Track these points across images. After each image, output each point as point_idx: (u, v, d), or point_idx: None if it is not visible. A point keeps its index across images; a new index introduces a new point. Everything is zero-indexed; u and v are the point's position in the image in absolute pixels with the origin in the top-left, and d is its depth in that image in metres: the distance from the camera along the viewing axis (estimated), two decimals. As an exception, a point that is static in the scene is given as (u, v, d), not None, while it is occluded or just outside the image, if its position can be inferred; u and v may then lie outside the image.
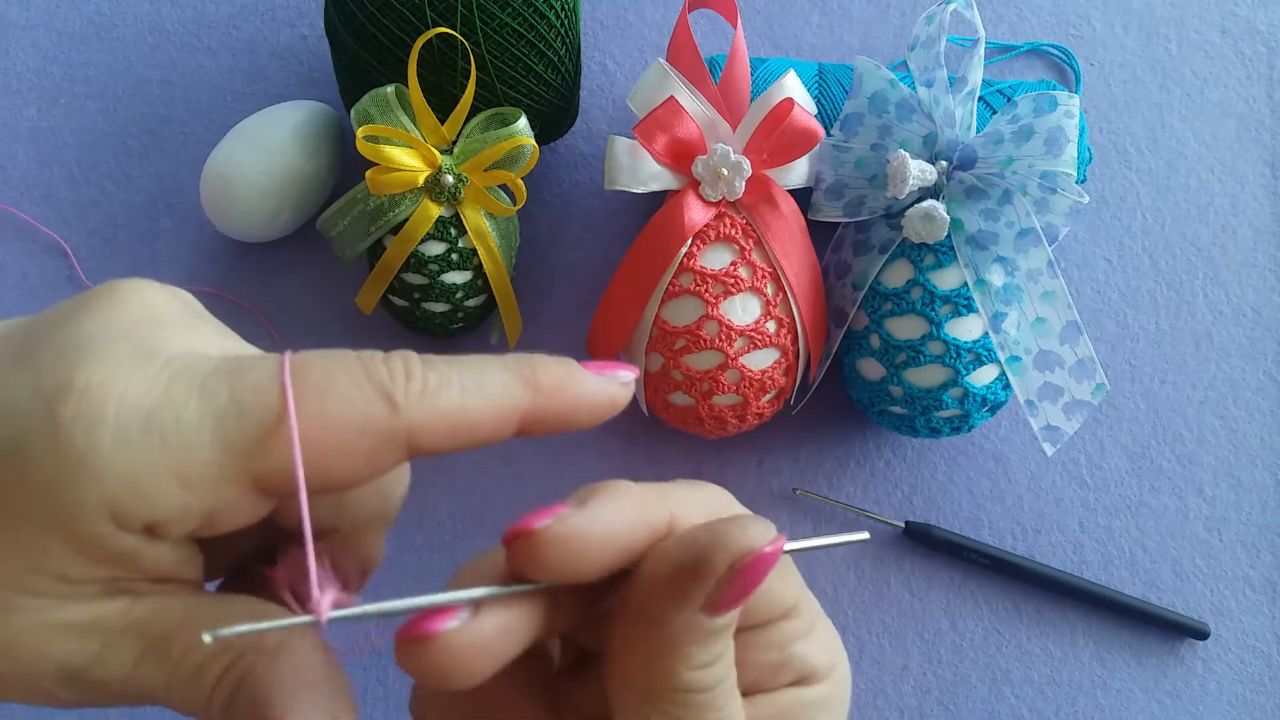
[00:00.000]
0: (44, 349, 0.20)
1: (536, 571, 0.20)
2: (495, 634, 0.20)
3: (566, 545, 0.20)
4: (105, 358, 0.19)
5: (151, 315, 0.21)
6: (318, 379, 0.20)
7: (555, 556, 0.20)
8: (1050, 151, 0.42)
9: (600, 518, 0.21)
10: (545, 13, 0.45)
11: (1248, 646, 0.49)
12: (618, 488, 0.22)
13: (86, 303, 0.21)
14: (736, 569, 0.20)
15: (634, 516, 0.21)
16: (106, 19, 0.54)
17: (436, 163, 0.44)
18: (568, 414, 0.22)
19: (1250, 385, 0.52)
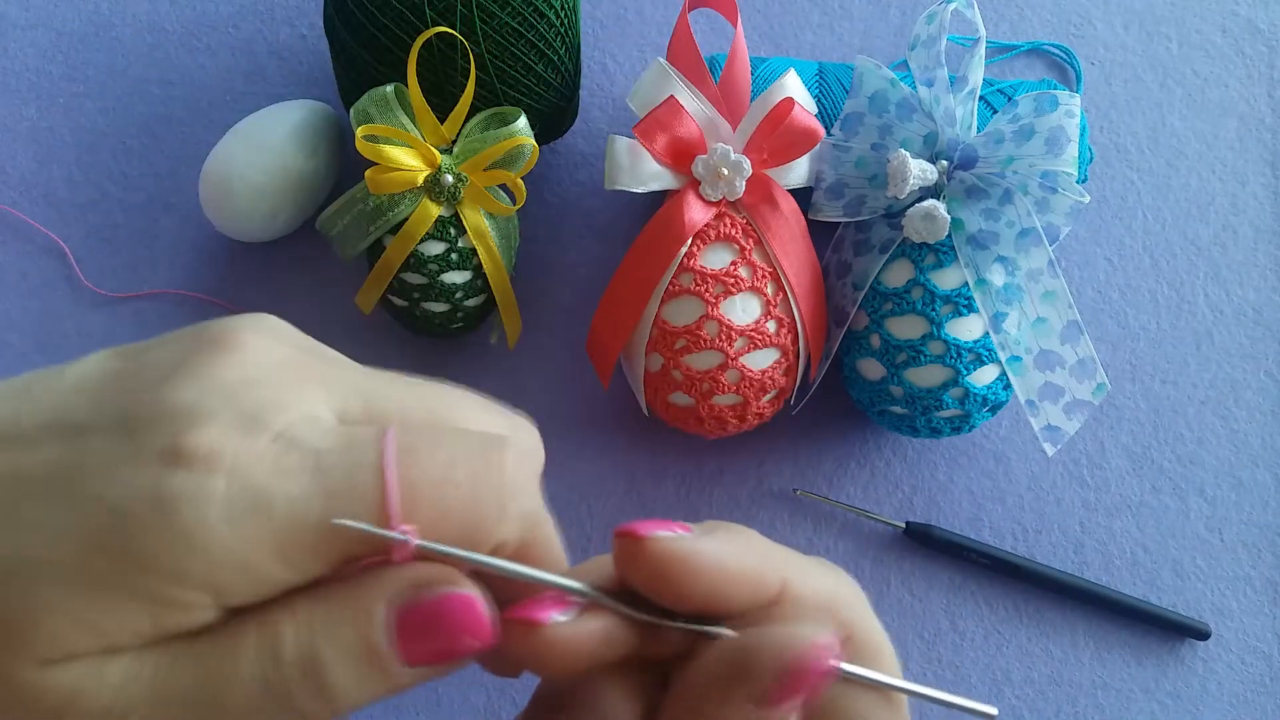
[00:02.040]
0: (147, 406, 0.19)
1: (631, 572, 0.21)
2: (595, 637, 0.21)
3: (670, 563, 0.20)
4: (213, 425, 0.19)
5: (262, 374, 0.20)
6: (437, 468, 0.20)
7: (653, 569, 0.20)
8: (1051, 151, 0.42)
9: (713, 552, 0.21)
10: (545, 12, 0.44)
11: (1248, 647, 0.49)
12: (745, 534, 0.22)
13: (191, 355, 0.20)
14: (783, 674, 0.20)
15: (746, 567, 0.21)
16: (106, 19, 0.54)
17: (436, 162, 0.44)
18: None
19: (1251, 385, 0.52)
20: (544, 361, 0.51)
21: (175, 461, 0.18)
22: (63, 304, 0.51)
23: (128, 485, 0.18)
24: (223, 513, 0.18)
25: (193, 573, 0.18)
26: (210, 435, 0.19)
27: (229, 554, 0.18)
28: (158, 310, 0.51)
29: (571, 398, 0.50)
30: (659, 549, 0.20)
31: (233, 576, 0.19)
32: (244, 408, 0.19)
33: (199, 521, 0.18)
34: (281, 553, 0.19)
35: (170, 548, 0.18)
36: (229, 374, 0.20)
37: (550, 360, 0.51)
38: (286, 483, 0.19)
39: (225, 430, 0.19)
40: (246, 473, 0.19)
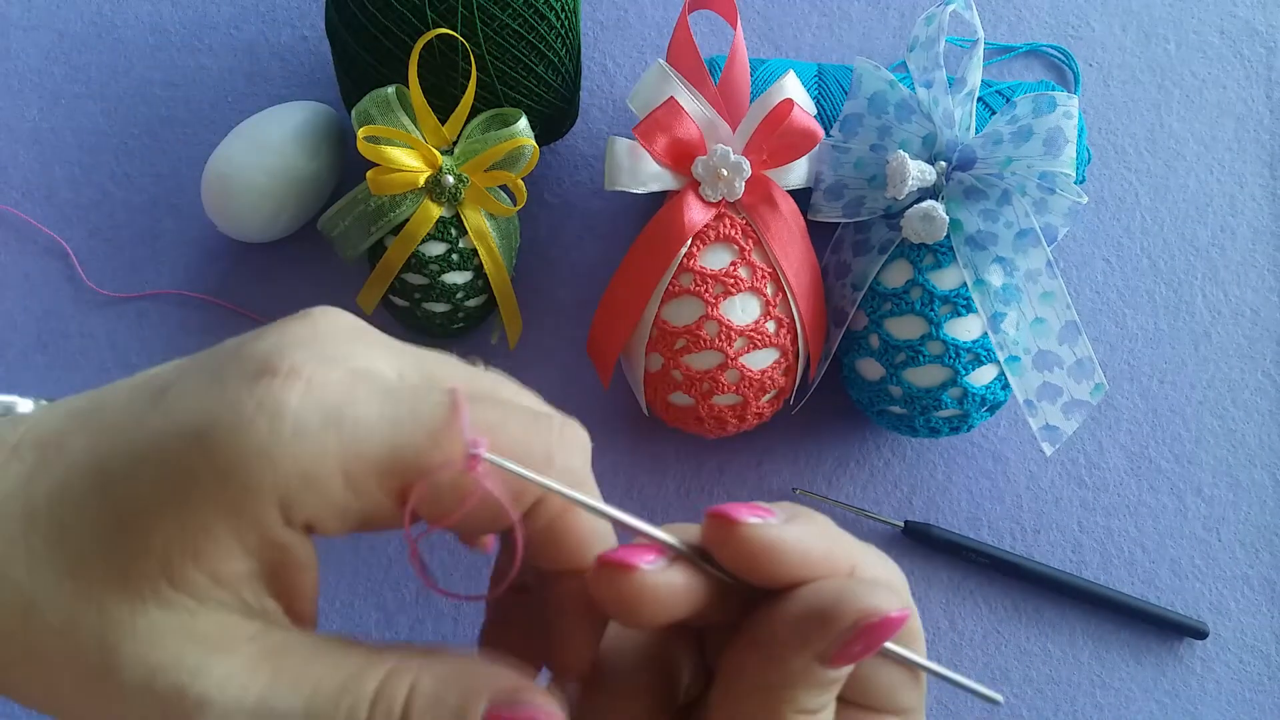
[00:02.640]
0: (233, 356, 0.21)
1: (723, 553, 0.22)
2: (681, 588, 0.22)
3: (756, 546, 0.22)
4: (292, 358, 0.20)
5: (335, 334, 0.22)
6: (494, 417, 0.21)
7: (742, 550, 0.22)
8: (1049, 152, 0.43)
9: (797, 538, 0.22)
10: (545, 13, 0.45)
11: (1246, 646, 0.49)
12: (822, 521, 0.23)
13: (274, 324, 0.22)
14: (860, 626, 0.21)
15: (824, 550, 0.22)
16: (108, 20, 0.54)
17: (437, 163, 0.44)
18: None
19: (1249, 385, 0.52)
20: (544, 361, 0.51)
21: (257, 378, 0.20)
22: (65, 304, 0.51)
23: (212, 403, 0.20)
24: (294, 425, 0.19)
25: (264, 483, 0.19)
26: (295, 358, 0.20)
27: (296, 463, 0.19)
28: (160, 311, 0.51)
29: (571, 398, 0.50)
30: (751, 534, 0.21)
31: (299, 491, 0.20)
32: (323, 351, 0.21)
33: (273, 432, 0.19)
34: (345, 470, 0.20)
35: (244, 457, 0.19)
36: (305, 332, 0.22)
37: (550, 360, 0.51)
38: (357, 405, 0.20)
39: (304, 362, 0.20)
40: (321, 391, 0.20)
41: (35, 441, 0.21)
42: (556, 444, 0.22)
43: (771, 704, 0.22)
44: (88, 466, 0.20)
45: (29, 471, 0.21)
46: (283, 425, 0.19)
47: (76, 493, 0.20)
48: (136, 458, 0.20)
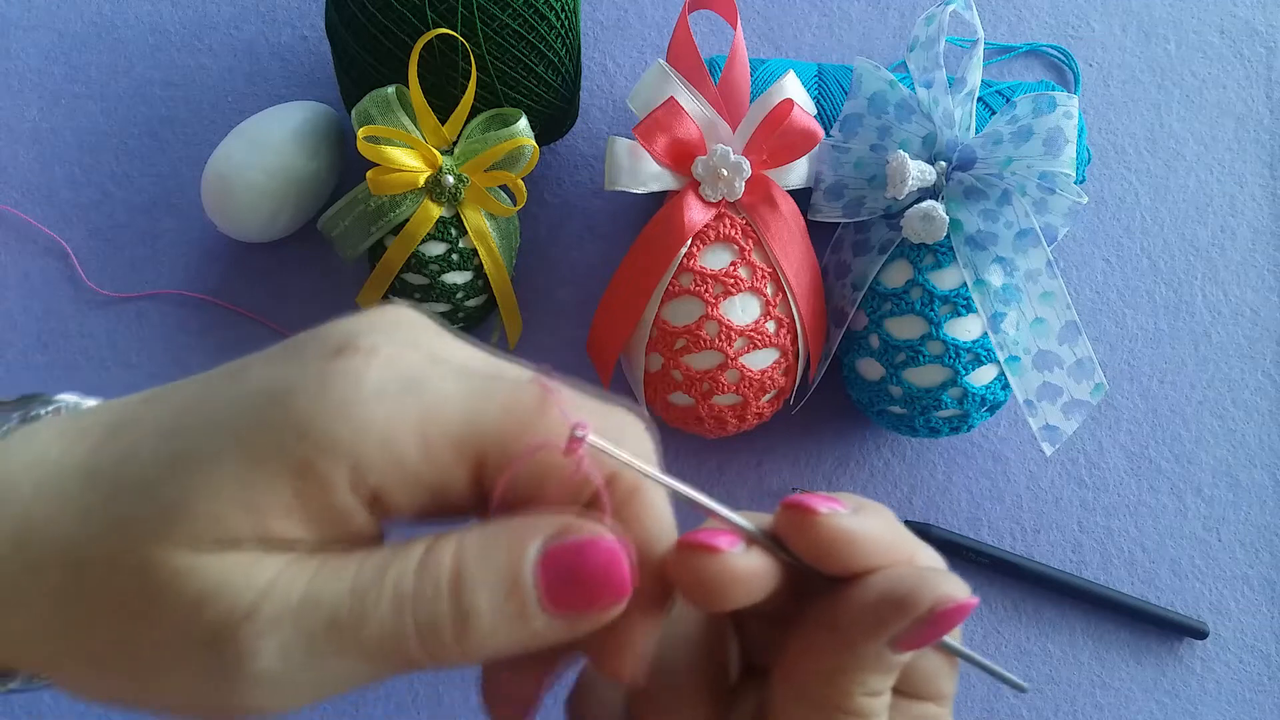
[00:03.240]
0: (312, 338, 0.21)
1: (799, 541, 0.23)
2: (760, 571, 0.22)
3: (831, 535, 0.22)
4: (372, 338, 0.21)
5: (414, 323, 0.23)
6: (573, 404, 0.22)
7: (817, 540, 0.22)
8: (1049, 152, 0.43)
9: (868, 528, 0.23)
10: (545, 13, 0.45)
11: (1246, 646, 0.49)
12: (886, 513, 0.24)
13: (353, 315, 0.23)
14: (935, 612, 0.22)
15: (891, 543, 0.23)
16: (108, 20, 0.54)
17: (437, 163, 0.44)
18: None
19: (1249, 385, 0.52)
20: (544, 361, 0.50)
21: (339, 354, 0.20)
22: (65, 304, 0.51)
23: (293, 372, 0.20)
24: (375, 389, 0.20)
25: (338, 440, 0.19)
26: (375, 339, 0.21)
27: (372, 425, 0.19)
28: (160, 310, 0.51)
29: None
30: (827, 524, 0.22)
31: (374, 452, 0.19)
32: (403, 336, 0.21)
33: (353, 392, 0.20)
34: (421, 436, 0.20)
35: (322, 414, 0.19)
36: (383, 321, 0.22)
37: (550, 360, 0.50)
38: (438, 377, 0.21)
39: (387, 340, 0.21)
40: (401, 364, 0.20)
41: (107, 422, 0.21)
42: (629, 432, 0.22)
43: (841, 685, 0.22)
44: (156, 432, 0.20)
45: (96, 444, 0.21)
46: (362, 387, 0.20)
47: (141, 454, 0.20)
48: (208, 421, 0.20)
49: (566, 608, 0.21)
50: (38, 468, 0.20)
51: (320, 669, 0.20)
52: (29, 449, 0.21)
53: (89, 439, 0.21)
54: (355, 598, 0.19)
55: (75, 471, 0.20)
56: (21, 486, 0.20)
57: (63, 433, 0.21)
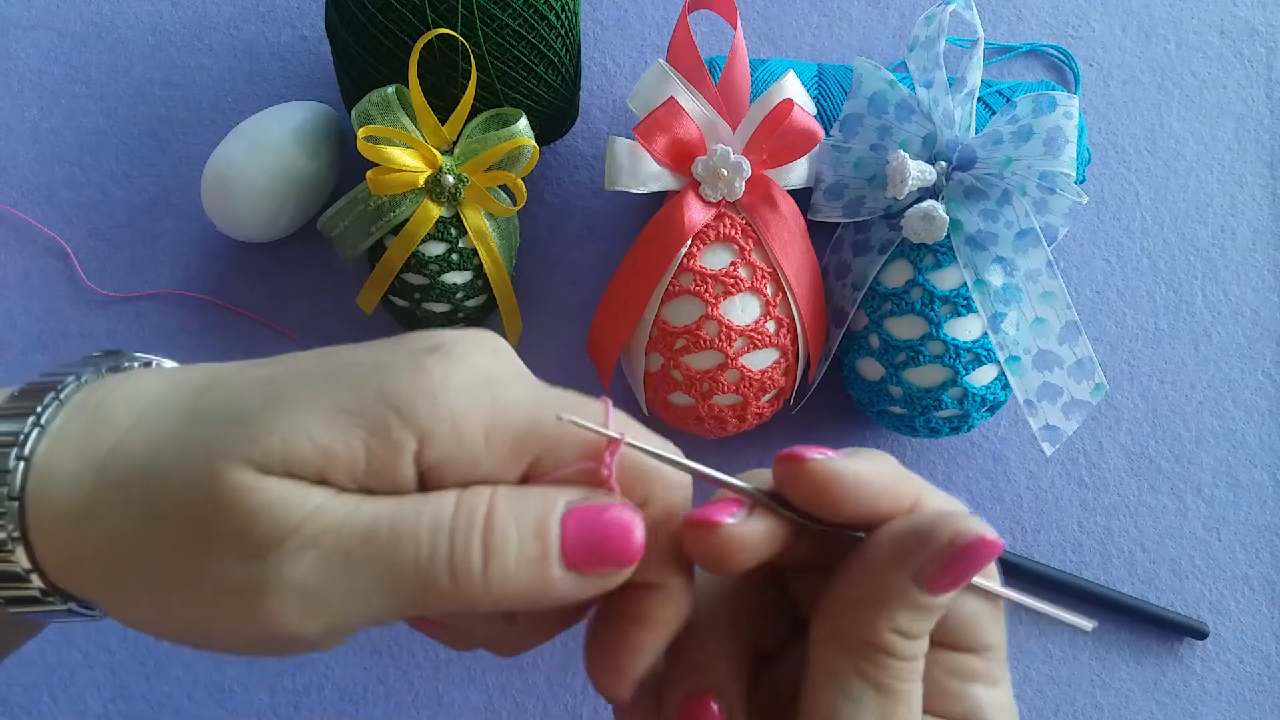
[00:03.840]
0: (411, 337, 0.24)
1: (793, 489, 0.24)
2: (761, 535, 0.24)
3: (823, 479, 0.24)
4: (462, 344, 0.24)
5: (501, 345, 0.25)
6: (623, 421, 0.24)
7: (811, 486, 0.24)
8: (1049, 152, 0.43)
9: (861, 469, 0.24)
10: (545, 13, 0.45)
11: (1246, 646, 0.49)
12: (884, 456, 0.25)
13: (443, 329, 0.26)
14: (956, 546, 0.23)
15: (888, 481, 0.24)
16: (108, 20, 0.54)
17: (437, 163, 0.44)
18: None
19: (1249, 385, 0.52)
20: (544, 361, 0.51)
21: (433, 351, 0.23)
22: (65, 304, 0.51)
23: (388, 355, 0.23)
24: (460, 381, 0.22)
25: (418, 413, 0.22)
26: (467, 346, 0.24)
27: (449, 408, 0.22)
28: (160, 310, 0.51)
29: (572, 398, 0.50)
30: (818, 469, 0.24)
31: (443, 431, 0.22)
32: (484, 347, 0.24)
33: (441, 378, 0.22)
34: (488, 427, 0.22)
35: (408, 390, 0.22)
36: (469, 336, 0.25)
37: (550, 360, 0.51)
38: (513, 385, 0.23)
39: (478, 350, 0.24)
40: (487, 368, 0.23)
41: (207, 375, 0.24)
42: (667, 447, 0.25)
43: (869, 619, 0.23)
44: (256, 380, 0.23)
45: (197, 389, 0.23)
46: (449, 380, 0.22)
47: (239, 394, 0.23)
48: (306, 377, 0.23)
49: (583, 563, 0.23)
50: (138, 403, 0.23)
51: (351, 587, 0.21)
52: (131, 387, 0.24)
53: (190, 385, 0.23)
54: (395, 520, 0.21)
55: (174, 408, 0.23)
56: (121, 417, 0.23)
57: (164, 378, 0.24)
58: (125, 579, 0.22)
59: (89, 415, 0.23)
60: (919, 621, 0.24)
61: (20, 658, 0.47)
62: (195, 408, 0.23)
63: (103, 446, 0.22)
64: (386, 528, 0.21)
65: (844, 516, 0.24)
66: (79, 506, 0.22)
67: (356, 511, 0.21)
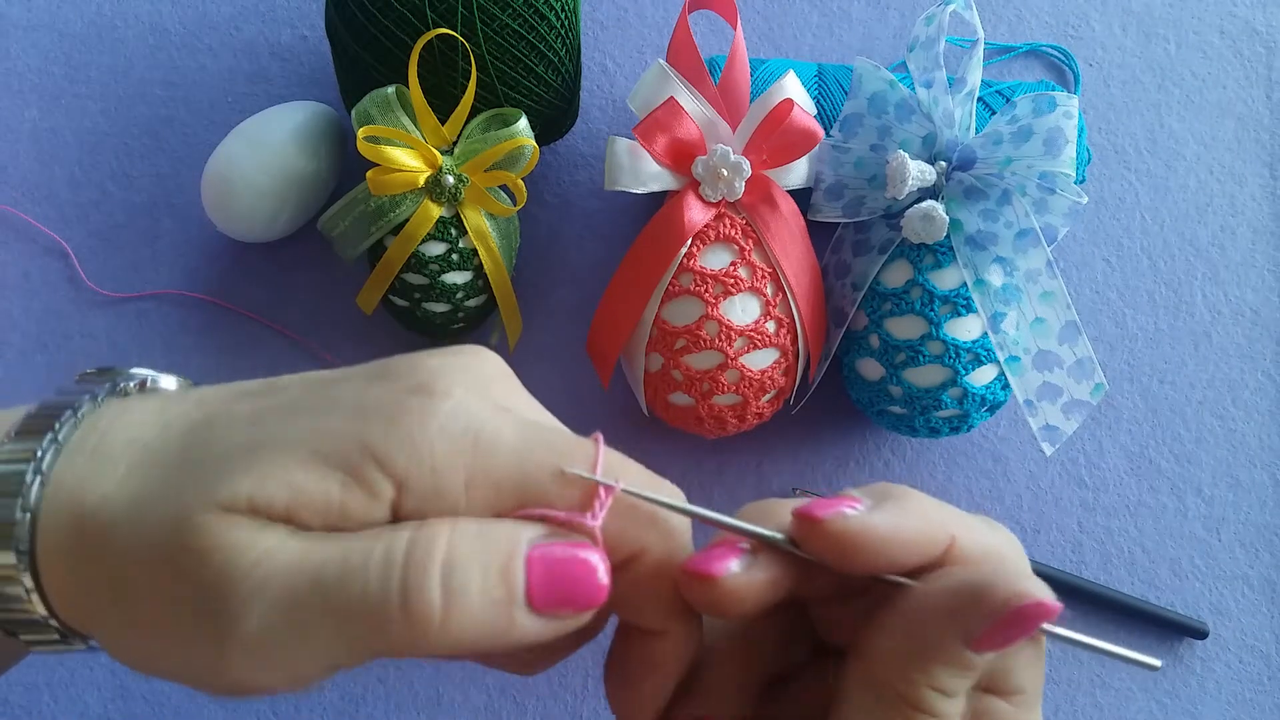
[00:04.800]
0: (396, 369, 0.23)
1: (813, 549, 0.23)
2: (764, 584, 0.23)
3: (847, 539, 0.22)
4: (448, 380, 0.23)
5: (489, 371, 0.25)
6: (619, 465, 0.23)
7: (830, 547, 0.22)
8: (1049, 152, 0.43)
9: (882, 526, 0.22)
10: (545, 13, 0.45)
11: (1246, 646, 0.49)
12: (912, 498, 0.23)
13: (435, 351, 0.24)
14: (1012, 608, 0.21)
15: (914, 532, 0.23)
16: (108, 20, 0.54)
17: (437, 163, 0.44)
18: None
19: (1249, 385, 0.52)
20: (544, 361, 0.51)
21: (419, 389, 0.22)
22: (65, 304, 0.51)
23: (373, 396, 0.22)
24: (441, 427, 0.22)
25: (396, 462, 0.21)
26: (452, 381, 0.23)
27: (430, 456, 0.21)
28: (160, 310, 0.51)
29: (571, 398, 0.50)
30: (837, 529, 0.22)
31: (422, 481, 0.21)
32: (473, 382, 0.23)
33: (418, 428, 0.21)
34: (469, 476, 0.22)
35: (387, 438, 0.21)
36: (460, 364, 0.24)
37: (550, 360, 0.51)
38: (499, 427, 0.22)
39: (465, 382, 0.23)
40: (472, 410, 0.22)
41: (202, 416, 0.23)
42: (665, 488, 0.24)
43: (909, 674, 0.22)
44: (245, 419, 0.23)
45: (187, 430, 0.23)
46: (428, 425, 0.21)
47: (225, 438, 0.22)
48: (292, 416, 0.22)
49: (547, 605, 0.22)
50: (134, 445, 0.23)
51: (303, 636, 0.20)
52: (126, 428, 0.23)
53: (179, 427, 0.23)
54: (344, 559, 0.20)
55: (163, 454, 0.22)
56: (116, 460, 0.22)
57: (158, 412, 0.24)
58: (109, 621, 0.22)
59: (86, 460, 0.23)
60: (959, 679, 0.22)
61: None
62: (182, 455, 0.22)
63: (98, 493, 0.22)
64: (336, 569, 0.20)
65: (874, 571, 0.23)
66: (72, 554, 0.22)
67: (309, 553, 0.21)
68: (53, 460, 0.23)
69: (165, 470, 0.22)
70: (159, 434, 0.23)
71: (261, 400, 0.23)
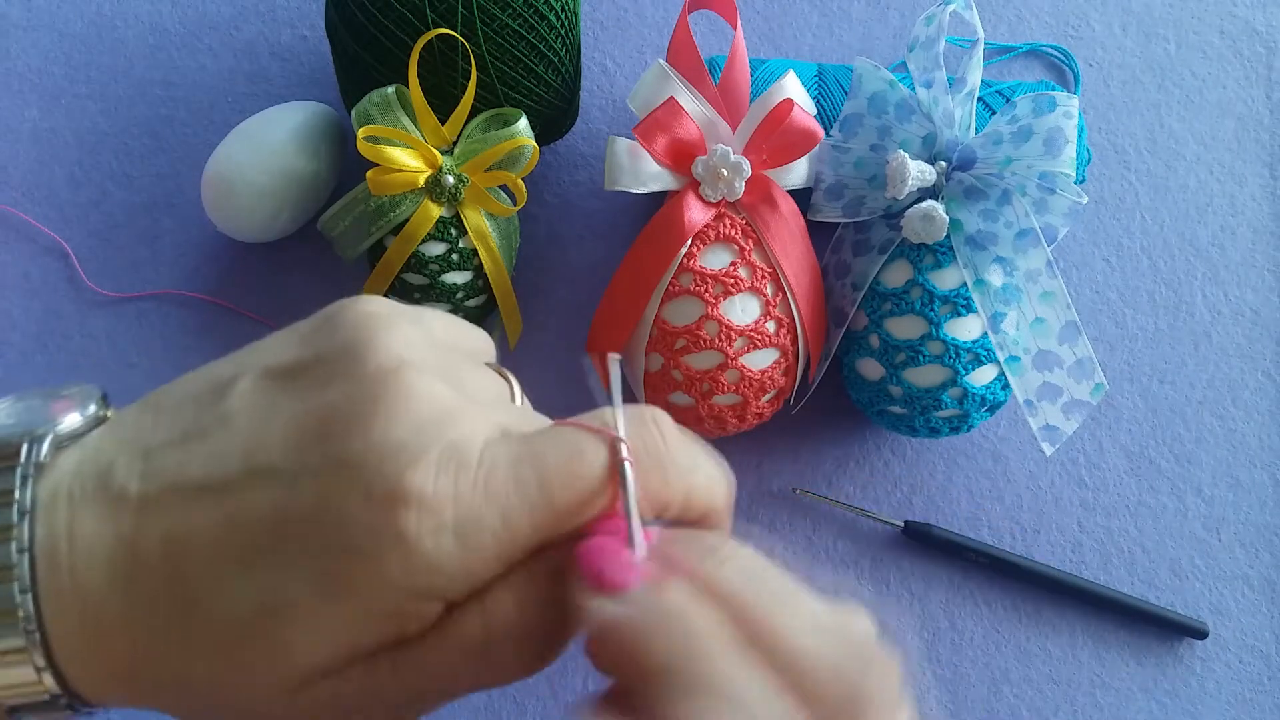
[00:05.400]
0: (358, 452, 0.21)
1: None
2: None
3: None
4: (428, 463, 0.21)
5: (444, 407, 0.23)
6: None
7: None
8: (1049, 152, 0.43)
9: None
10: (545, 13, 0.45)
11: (1246, 646, 0.49)
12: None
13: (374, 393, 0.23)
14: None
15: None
16: (108, 20, 0.54)
17: (437, 163, 0.44)
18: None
19: (1249, 385, 0.52)
20: (544, 361, 0.51)
21: (405, 503, 0.20)
22: (65, 304, 0.51)
23: (364, 527, 0.21)
24: (454, 538, 0.21)
25: (434, 588, 0.21)
26: (430, 475, 0.21)
27: (460, 569, 0.21)
28: (160, 310, 0.51)
29: (571, 398, 0.50)
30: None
31: (461, 585, 0.21)
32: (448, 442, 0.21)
33: (438, 548, 0.21)
34: (500, 557, 0.22)
35: (414, 571, 0.21)
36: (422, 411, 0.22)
37: (550, 360, 0.51)
38: (500, 502, 0.21)
39: (441, 467, 0.21)
40: (467, 503, 0.21)
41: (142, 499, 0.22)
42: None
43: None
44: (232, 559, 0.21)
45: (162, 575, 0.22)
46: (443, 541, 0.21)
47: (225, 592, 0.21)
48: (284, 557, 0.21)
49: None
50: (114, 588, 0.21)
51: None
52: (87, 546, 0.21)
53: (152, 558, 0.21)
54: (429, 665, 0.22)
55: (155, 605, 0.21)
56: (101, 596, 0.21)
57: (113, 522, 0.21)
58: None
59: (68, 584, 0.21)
60: None
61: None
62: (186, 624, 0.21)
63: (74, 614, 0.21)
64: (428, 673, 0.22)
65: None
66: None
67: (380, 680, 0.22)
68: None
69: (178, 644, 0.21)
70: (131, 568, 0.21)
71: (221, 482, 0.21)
